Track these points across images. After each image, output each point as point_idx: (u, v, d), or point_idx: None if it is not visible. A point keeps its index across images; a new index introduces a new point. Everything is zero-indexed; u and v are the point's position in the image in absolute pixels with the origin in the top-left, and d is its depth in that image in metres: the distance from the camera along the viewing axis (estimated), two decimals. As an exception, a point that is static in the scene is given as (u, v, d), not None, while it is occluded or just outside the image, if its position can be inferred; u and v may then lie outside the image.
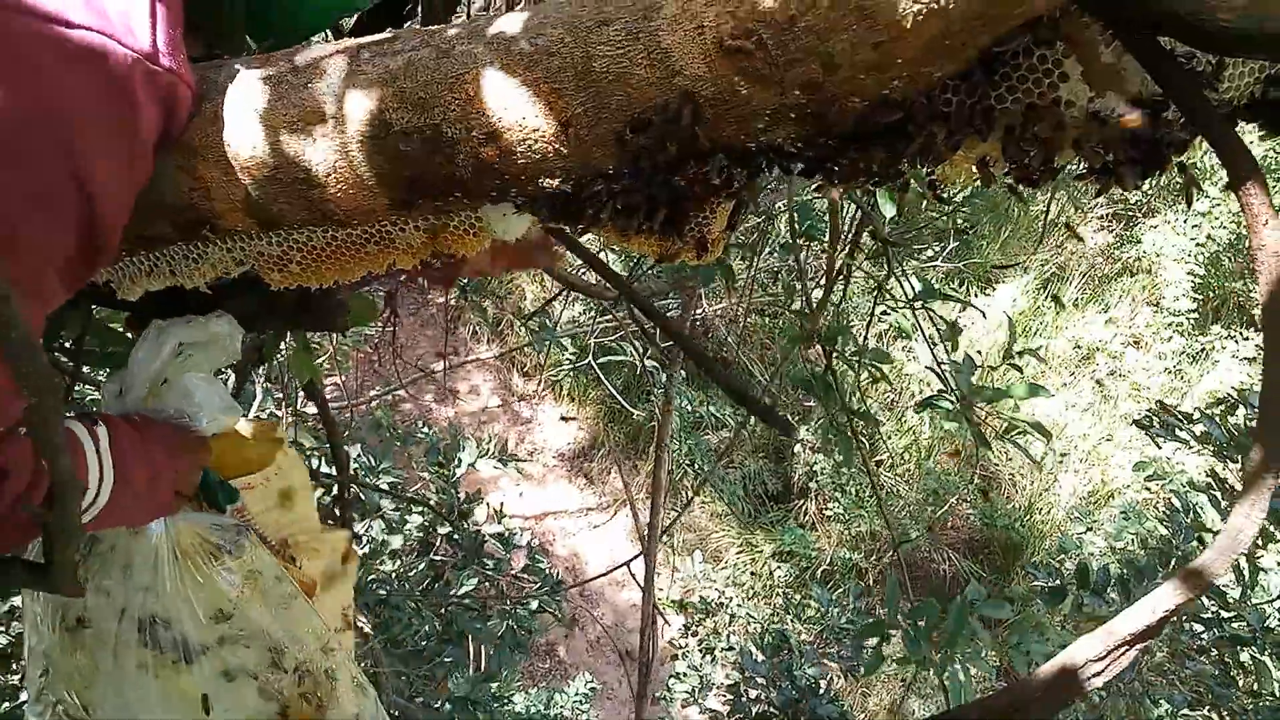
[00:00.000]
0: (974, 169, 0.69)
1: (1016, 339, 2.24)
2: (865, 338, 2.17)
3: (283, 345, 1.71)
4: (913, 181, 0.72)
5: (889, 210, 1.69)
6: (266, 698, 0.91)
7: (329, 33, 1.20)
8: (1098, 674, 0.58)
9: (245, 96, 0.71)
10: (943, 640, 1.74)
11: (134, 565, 0.86)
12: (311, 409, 2.55)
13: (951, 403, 1.91)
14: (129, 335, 1.08)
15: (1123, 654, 0.58)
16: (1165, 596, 0.57)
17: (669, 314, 4.13)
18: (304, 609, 0.95)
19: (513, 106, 0.67)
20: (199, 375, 0.88)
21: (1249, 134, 0.76)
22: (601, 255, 4.53)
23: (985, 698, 0.62)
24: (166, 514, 0.88)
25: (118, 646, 0.86)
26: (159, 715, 0.88)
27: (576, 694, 3.81)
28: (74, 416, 0.77)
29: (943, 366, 1.99)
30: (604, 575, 3.34)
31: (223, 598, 0.89)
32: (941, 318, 2.11)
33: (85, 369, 1.39)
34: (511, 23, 0.69)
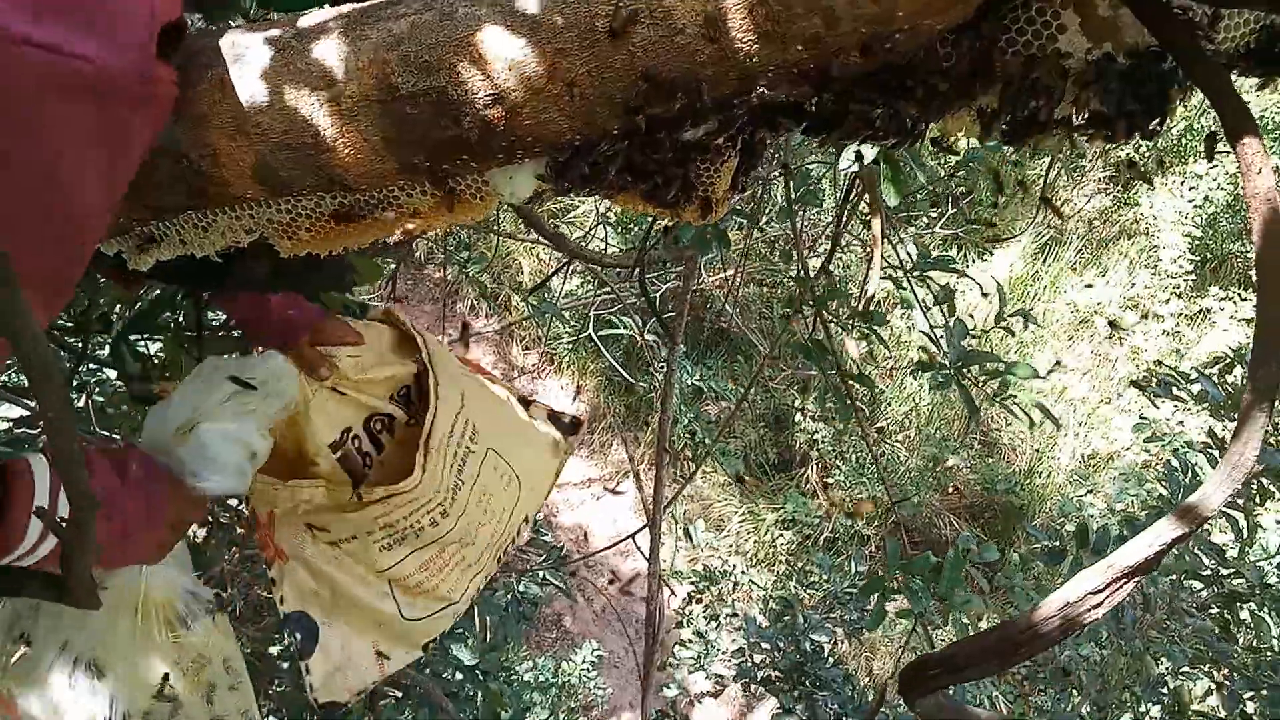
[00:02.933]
0: (974, 122, 0.69)
1: (1010, 303, 2.25)
2: (860, 304, 2.19)
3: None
4: (919, 138, 0.72)
5: (892, 200, 1.70)
6: None
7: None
8: (1097, 605, 0.59)
9: (250, 62, 0.72)
10: (941, 589, 1.78)
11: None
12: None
13: (945, 366, 1.93)
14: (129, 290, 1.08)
15: (1121, 586, 0.60)
16: (1163, 530, 0.59)
17: (669, 285, 4.13)
18: (246, 694, 0.93)
19: (516, 67, 0.68)
20: (222, 429, 0.84)
21: (1246, 90, 0.77)
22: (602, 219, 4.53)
23: (989, 629, 0.63)
24: (140, 563, 0.84)
25: (50, 675, 0.84)
26: None
27: (584, 662, 3.85)
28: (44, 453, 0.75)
29: (936, 331, 2.01)
30: (610, 547, 3.36)
31: (164, 673, 0.87)
32: (940, 284, 2.13)
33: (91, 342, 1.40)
34: (514, -16, 0.70)
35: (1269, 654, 2.55)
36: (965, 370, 1.93)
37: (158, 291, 1.28)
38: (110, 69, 0.62)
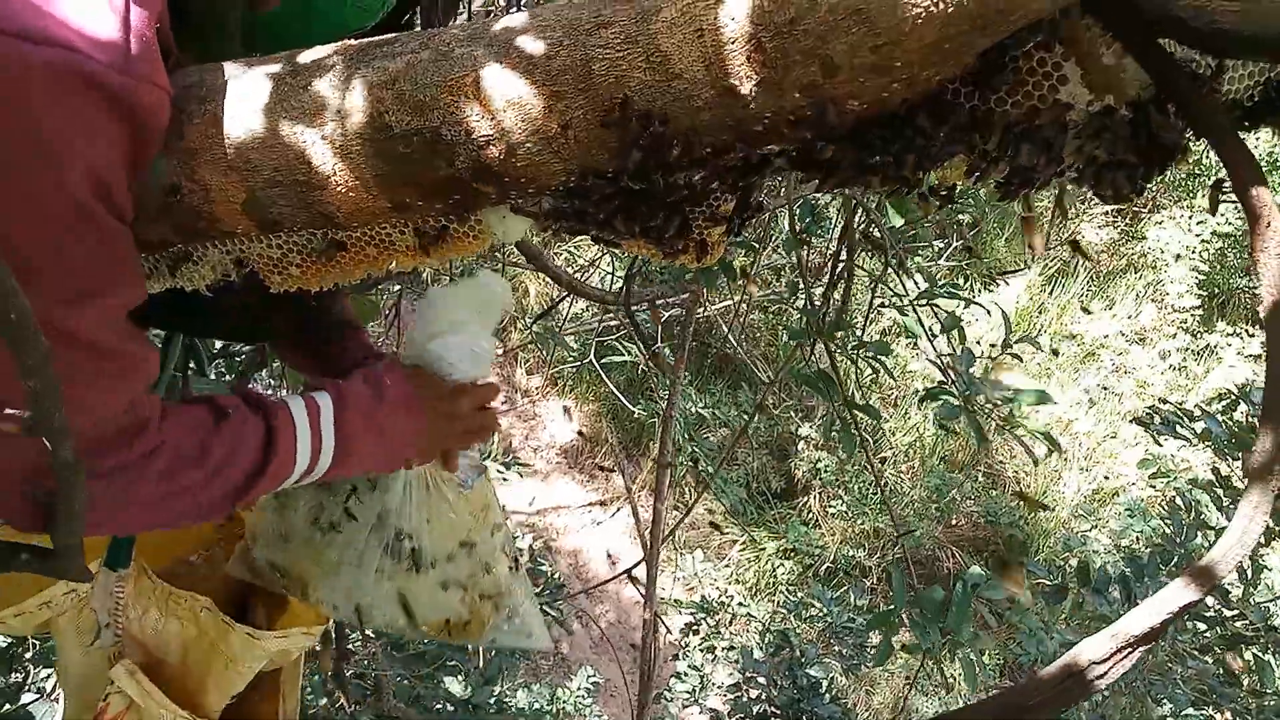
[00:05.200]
0: (970, 171, 0.69)
1: (1016, 333, 2.24)
2: (863, 331, 2.18)
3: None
4: (916, 186, 0.72)
5: (896, 220, 1.70)
6: (464, 604, 1.10)
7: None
8: (1103, 675, 0.58)
9: (245, 98, 0.71)
10: (950, 623, 1.77)
11: (387, 488, 1.04)
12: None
13: (954, 395, 1.92)
14: None
15: (1128, 654, 0.58)
16: (1173, 596, 0.57)
17: (671, 313, 4.13)
18: (505, 534, 1.15)
19: (512, 109, 0.67)
20: (452, 339, 1.02)
21: (1253, 135, 0.76)
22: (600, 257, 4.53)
23: (989, 698, 0.62)
24: (406, 467, 1.02)
25: (364, 551, 1.04)
26: (386, 607, 1.06)
27: (579, 689, 3.82)
28: (302, 391, 0.90)
29: (943, 358, 2.00)
30: (608, 582, 3.34)
31: (463, 526, 1.09)
32: (947, 311, 2.12)
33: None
34: (511, 25, 0.69)
35: (1273, 697, 2.51)
36: (972, 400, 1.93)
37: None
38: (94, 58, 0.62)
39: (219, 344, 1.84)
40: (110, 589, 1.14)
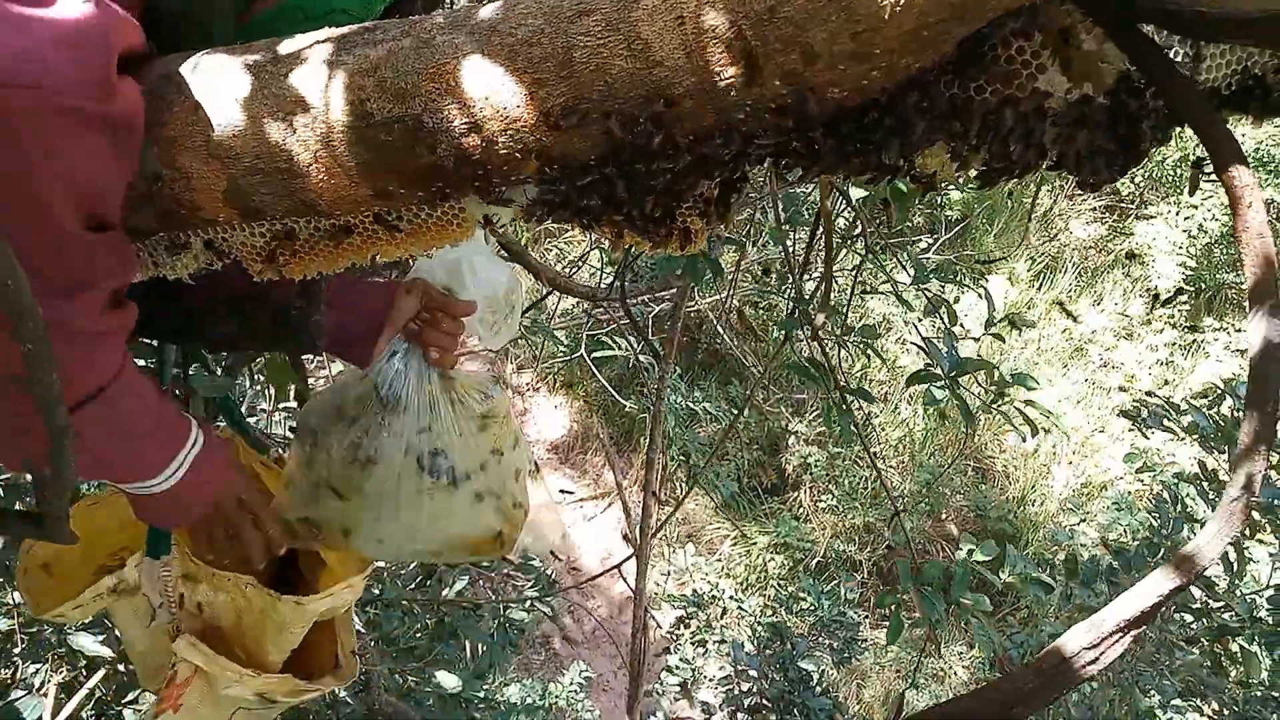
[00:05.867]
0: (949, 159, 0.69)
1: (1004, 319, 2.27)
2: (845, 316, 2.21)
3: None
4: (896, 174, 0.72)
5: (856, 192, 1.73)
6: (497, 513, 1.13)
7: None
8: (1092, 663, 0.58)
9: (225, 86, 0.71)
10: (954, 591, 1.85)
11: (414, 410, 1.07)
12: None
13: (941, 376, 1.95)
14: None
15: (1116, 642, 0.58)
16: (1158, 582, 0.58)
17: (661, 307, 4.13)
18: (524, 442, 1.19)
19: (493, 96, 0.67)
20: (479, 259, 1.10)
21: (1237, 125, 0.76)
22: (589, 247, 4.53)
23: (978, 689, 0.62)
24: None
25: (401, 476, 1.06)
26: (429, 529, 1.09)
27: (571, 684, 3.82)
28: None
29: (930, 341, 2.02)
30: (597, 577, 3.34)
31: (491, 435, 1.12)
32: (940, 296, 2.14)
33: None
34: (493, 13, 0.69)
35: (1259, 688, 2.53)
36: (959, 380, 1.96)
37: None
38: (64, 91, 0.64)
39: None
40: (157, 574, 1.19)
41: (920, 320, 2.10)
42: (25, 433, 0.74)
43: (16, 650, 2.11)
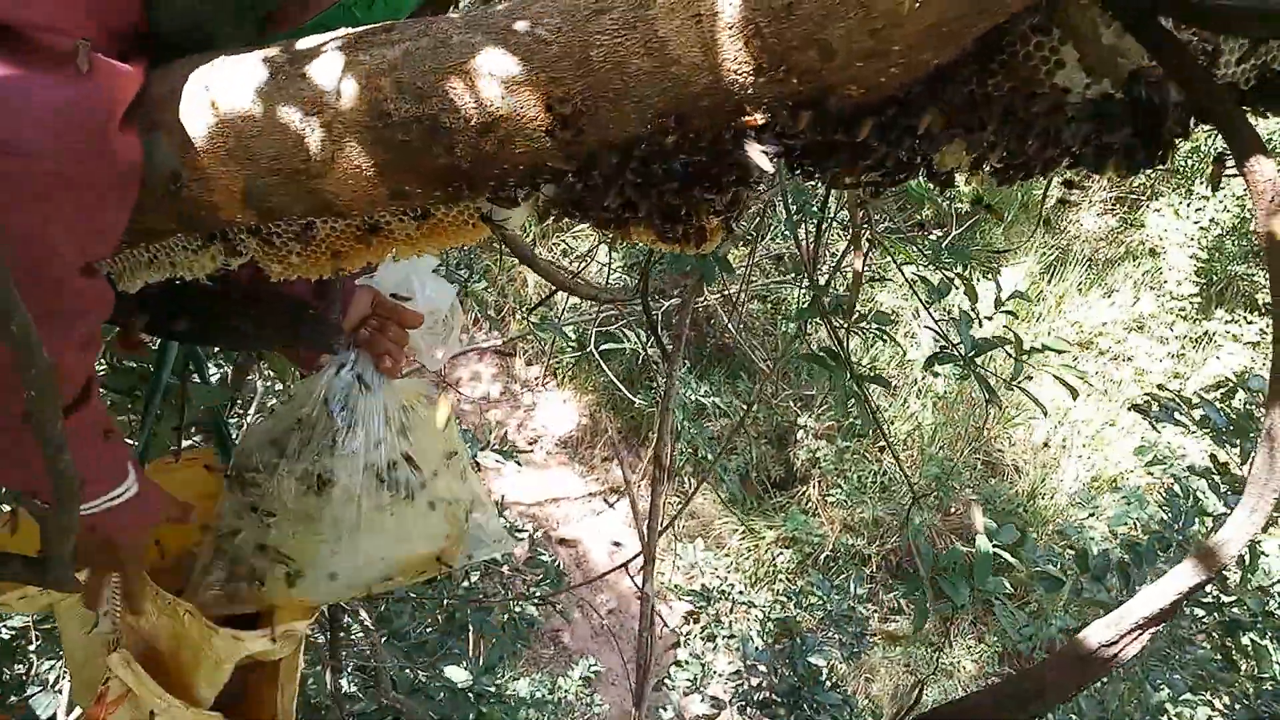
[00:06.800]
0: (967, 155, 0.69)
1: (1015, 310, 2.27)
2: (854, 305, 2.22)
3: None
4: (915, 171, 0.72)
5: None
6: (449, 519, 1.12)
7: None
8: (1112, 657, 0.58)
9: (243, 86, 0.71)
10: (977, 576, 1.87)
11: (369, 423, 1.06)
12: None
13: (960, 356, 1.96)
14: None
15: (1139, 635, 0.58)
16: (1181, 577, 0.57)
17: (671, 301, 4.13)
18: (462, 442, 1.19)
19: (510, 96, 0.67)
20: (426, 273, 1.10)
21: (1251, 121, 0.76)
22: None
23: (997, 684, 0.62)
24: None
25: (361, 495, 1.05)
26: (390, 550, 1.08)
27: (579, 678, 3.83)
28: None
29: (943, 324, 2.03)
30: (605, 575, 3.34)
31: (442, 438, 1.12)
32: (961, 275, 2.16)
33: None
34: (509, 12, 0.69)
35: (1270, 682, 2.52)
36: (976, 361, 1.99)
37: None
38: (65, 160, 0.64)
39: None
40: (106, 581, 1.14)
41: (937, 304, 2.13)
42: (25, 465, 0.74)
43: (32, 647, 2.12)
